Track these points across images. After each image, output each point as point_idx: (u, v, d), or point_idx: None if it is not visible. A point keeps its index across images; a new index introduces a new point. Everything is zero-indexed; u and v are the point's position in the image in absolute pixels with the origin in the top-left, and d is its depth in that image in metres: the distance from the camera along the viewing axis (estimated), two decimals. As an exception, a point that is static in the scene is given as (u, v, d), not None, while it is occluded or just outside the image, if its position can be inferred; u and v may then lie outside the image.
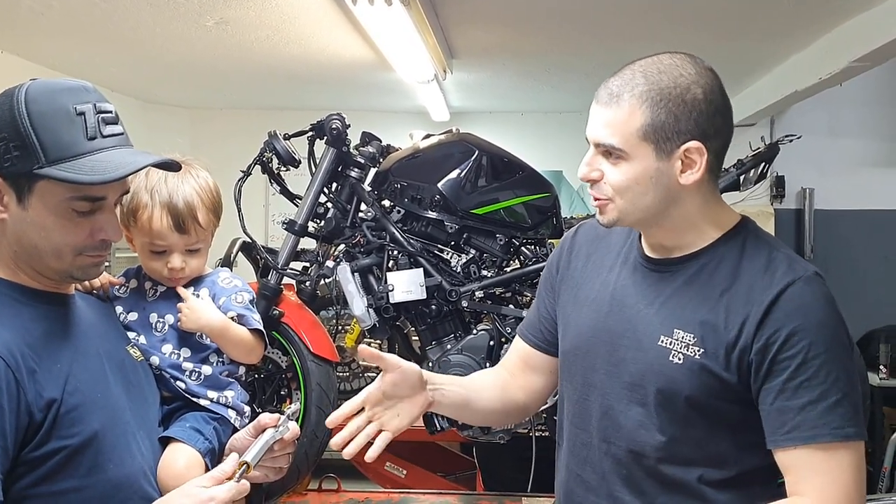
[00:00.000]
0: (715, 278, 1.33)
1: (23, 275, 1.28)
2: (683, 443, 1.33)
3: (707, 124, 1.29)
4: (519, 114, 6.03)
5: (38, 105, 1.20)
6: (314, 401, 2.50)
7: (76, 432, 1.23)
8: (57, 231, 1.24)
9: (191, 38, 3.99)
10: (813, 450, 1.23)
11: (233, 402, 1.60)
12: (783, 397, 1.25)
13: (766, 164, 2.82)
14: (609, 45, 3.91)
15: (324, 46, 4.11)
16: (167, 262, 1.56)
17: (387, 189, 2.74)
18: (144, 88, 5.49)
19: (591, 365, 1.44)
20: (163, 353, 1.55)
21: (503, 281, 2.71)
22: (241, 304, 1.65)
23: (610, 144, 1.30)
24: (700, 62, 1.33)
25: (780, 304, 1.26)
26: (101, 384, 1.32)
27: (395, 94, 5.26)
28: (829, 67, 3.77)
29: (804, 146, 3.94)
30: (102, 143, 1.23)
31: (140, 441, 1.37)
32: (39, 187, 1.21)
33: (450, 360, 2.62)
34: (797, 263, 1.32)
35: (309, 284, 2.73)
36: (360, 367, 3.87)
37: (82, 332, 1.35)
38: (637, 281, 1.42)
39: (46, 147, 1.19)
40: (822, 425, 1.23)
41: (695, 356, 1.30)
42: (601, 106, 1.32)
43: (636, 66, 1.32)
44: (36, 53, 4.34)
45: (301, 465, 2.51)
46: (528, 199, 2.72)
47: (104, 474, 1.26)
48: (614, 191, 1.32)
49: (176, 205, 1.53)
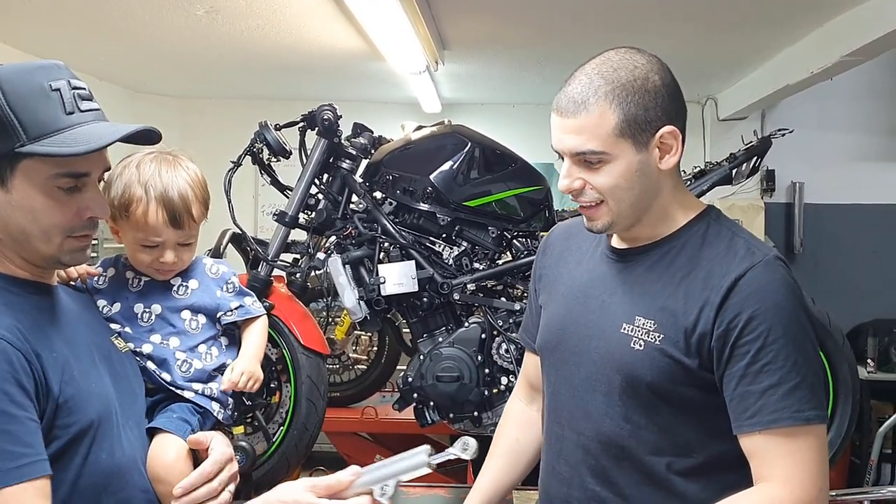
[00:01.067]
0: (675, 265, 1.36)
1: (9, 264, 1.26)
2: (649, 430, 1.35)
3: (671, 107, 1.32)
4: (511, 105, 6.02)
5: (11, 85, 1.18)
6: (304, 393, 2.50)
7: (73, 422, 1.21)
8: (44, 212, 1.22)
9: (181, 27, 3.96)
10: (775, 434, 1.25)
11: (217, 394, 1.59)
12: (745, 382, 1.27)
13: (759, 157, 2.82)
14: (601, 37, 3.89)
15: (315, 36, 4.08)
16: (159, 256, 1.54)
17: (378, 181, 2.73)
18: (134, 78, 5.43)
19: (562, 358, 1.46)
20: (152, 342, 1.54)
21: (495, 274, 2.71)
22: (234, 293, 1.65)
23: (589, 150, 1.30)
24: (645, 51, 1.36)
25: (739, 289, 1.28)
26: (93, 374, 1.31)
27: (386, 84, 5.24)
28: (821, 61, 3.77)
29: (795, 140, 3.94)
30: (81, 117, 1.22)
31: (129, 431, 1.36)
32: (22, 167, 1.19)
33: (441, 352, 2.62)
34: (757, 248, 1.33)
35: (299, 276, 2.71)
36: (349, 359, 3.87)
37: (70, 322, 1.34)
38: (603, 272, 1.45)
39: (26, 125, 1.17)
40: (783, 409, 1.24)
41: (655, 342, 1.32)
42: (567, 117, 1.31)
43: (589, 70, 1.33)
44: (24, 41, 4.29)
45: (291, 457, 2.51)
46: (520, 191, 2.72)
47: (98, 465, 1.25)
48: (603, 194, 1.33)
49: (172, 199, 1.52)
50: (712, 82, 5.26)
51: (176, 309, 1.58)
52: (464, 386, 2.59)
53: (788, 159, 5.45)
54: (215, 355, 1.62)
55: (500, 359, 2.63)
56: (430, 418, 2.69)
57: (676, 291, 1.33)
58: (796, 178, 5.64)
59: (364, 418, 3.75)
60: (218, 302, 1.62)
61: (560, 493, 1.47)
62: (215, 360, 1.62)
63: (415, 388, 2.65)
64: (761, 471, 1.27)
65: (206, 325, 1.60)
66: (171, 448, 1.42)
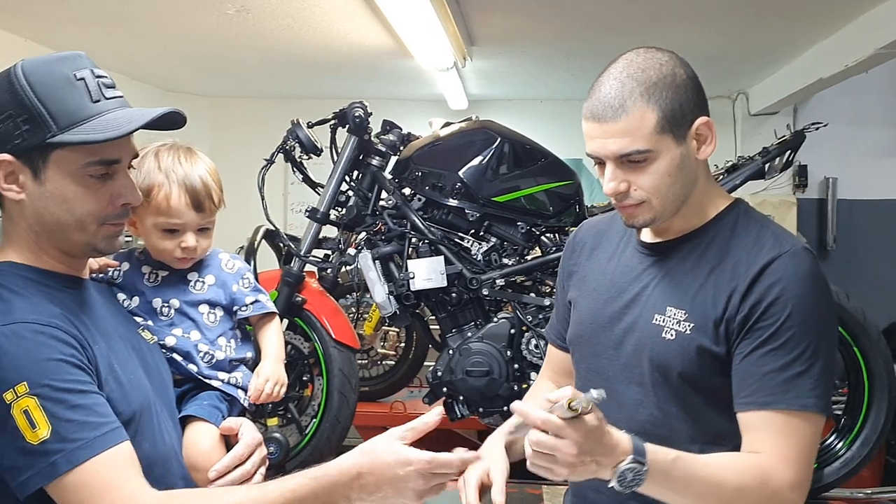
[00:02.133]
0: (706, 257, 1.38)
1: (45, 257, 1.29)
2: (681, 419, 1.37)
3: (699, 98, 1.36)
4: (538, 101, 6.01)
5: (37, 76, 1.20)
6: (336, 386, 2.52)
7: (119, 412, 1.23)
8: (78, 201, 1.23)
9: (211, 25, 4.00)
10: (769, 413, 1.28)
11: (242, 382, 1.61)
12: (748, 362, 1.30)
13: (792, 152, 2.78)
14: (630, 31, 3.88)
15: (344, 34, 4.11)
16: (180, 241, 1.55)
17: (408, 177, 2.74)
18: (165, 77, 5.50)
19: (594, 351, 1.48)
20: (174, 335, 1.55)
21: (524, 269, 2.71)
22: (249, 288, 1.66)
23: (635, 150, 1.32)
24: (661, 49, 1.38)
25: (764, 277, 1.30)
26: (130, 365, 1.33)
27: (413, 82, 5.25)
28: (856, 55, 3.72)
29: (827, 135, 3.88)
30: (107, 104, 1.23)
31: (166, 421, 1.39)
32: (55, 157, 1.20)
33: (470, 347, 2.63)
34: (785, 239, 1.35)
35: (330, 272, 2.74)
36: (377, 354, 3.90)
37: (103, 315, 1.36)
38: (634, 266, 1.47)
39: (55, 115, 1.18)
40: (780, 393, 1.27)
41: (686, 332, 1.34)
42: (607, 122, 1.33)
43: (616, 74, 1.34)
44: (57, 41, 4.36)
45: (324, 449, 2.54)
46: (550, 186, 2.72)
47: (141, 454, 1.26)
48: (648, 192, 1.35)
49: (193, 184, 1.55)
50: (743, 77, 5.21)
51: (194, 303, 1.59)
52: (493, 381, 2.60)
53: (821, 154, 5.38)
54: (234, 347, 1.64)
55: (529, 354, 2.63)
56: (460, 412, 2.70)
57: (706, 282, 1.36)
58: (829, 174, 5.57)
59: (393, 413, 3.77)
60: (234, 296, 1.63)
61: (591, 482, 1.47)
62: (235, 351, 1.63)
63: (444, 383, 2.66)
64: (752, 445, 1.29)
65: (223, 319, 1.62)
66: (206, 436, 1.45)
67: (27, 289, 1.23)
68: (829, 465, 2.60)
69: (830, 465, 2.60)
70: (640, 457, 1.20)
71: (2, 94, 1.20)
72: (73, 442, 1.12)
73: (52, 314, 1.19)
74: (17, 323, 1.16)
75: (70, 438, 1.12)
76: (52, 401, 1.12)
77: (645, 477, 1.20)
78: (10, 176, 1.22)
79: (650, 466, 1.21)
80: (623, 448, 1.20)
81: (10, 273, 1.25)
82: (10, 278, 1.24)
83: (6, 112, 1.19)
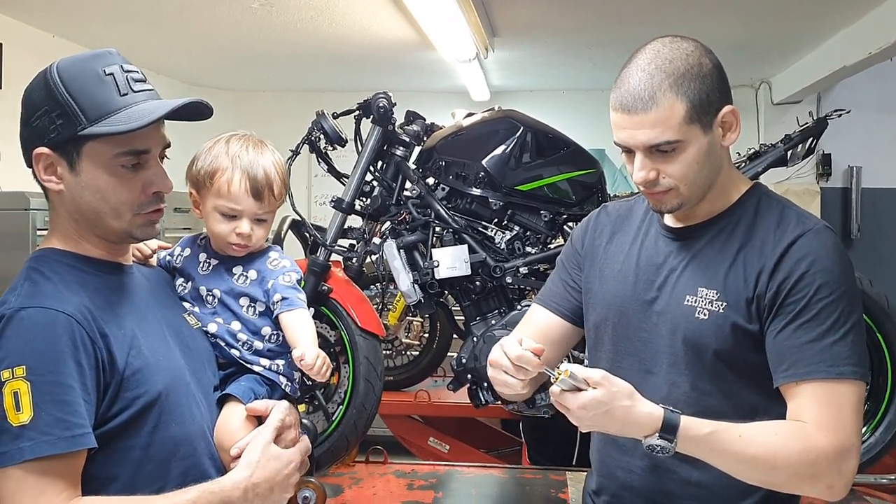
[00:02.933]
0: (732, 238, 1.42)
1: (85, 244, 1.35)
2: (714, 397, 1.40)
3: (724, 86, 1.40)
4: (560, 92, 6.01)
5: (69, 73, 1.27)
6: (362, 374, 2.56)
7: (142, 393, 1.29)
8: (111, 190, 1.30)
9: (236, 19, 4.05)
10: (810, 384, 1.31)
11: (283, 370, 1.65)
12: (783, 336, 1.34)
13: (815, 139, 2.78)
14: (652, 21, 3.88)
15: (366, 26, 4.14)
16: (236, 227, 1.60)
17: (431, 166, 2.77)
18: (190, 71, 5.57)
19: (623, 333, 1.51)
20: (217, 322, 1.60)
21: (547, 257, 2.73)
22: (289, 284, 1.68)
23: (664, 141, 1.36)
24: (686, 38, 1.41)
25: (790, 254, 1.36)
26: (162, 348, 1.38)
27: (435, 74, 5.28)
28: (880, 41, 3.70)
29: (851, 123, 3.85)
30: (135, 97, 1.29)
31: (199, 402, 1.43)
32: (87, 149, 1.27)
33: (494, 335, 2.65)
34: (807, 218, 1.41)
35: (356, 261, 2.78)
36: (402, 344, 3.94)
37: (142, 299, 1.42)
38: (660, 249, 1.50)
39: (85, 108, 1.25)
40: (818, 363, 1.31)
41: (719, 311, 1.38)
42: (636, 113, 1.36)
43: (644, 65, 1.37)
44: (84, 37, 4.44)
45: (350, 436, 2.58)
46: (572, 175, 2.73)
47: (167, 432, 1.32)
48: (676, 180, 1.39)
49: (256, 173, 1.59)
50: (766, 65, 5.18)
51: (235, 295, 1.63)
52: (517, 368, 2.62)
53: (845, 143, 5.35)
54: (276, 339, 1.68)
55: (553, 341, 2.65)
56: (484, 399, 2.73)
57: (735, 262, 1.40)
58: (853, 162, 5.53)
59: (417, 401, 3.81)
60: (268, 292, 1.65)
61: (621, 462, 1.51)
62: (277, 342, 1.67)
63: (469, 370, 2.69)
64: (796, 416, 1.32)
65: (264, 312, 1.66)
66: (235, 417, 1.48)
67: (62, 274, 1.29)
68: (852, 450, 2.61)
69: (854, 451, 2.61)
70: (669, 434, 1.27)
71: (39, 92, 1.28)
72: (45, 435, 1.16)
73: (73, 304, 1.24)
74: (35, 308, 1.21)
75: (44, 431, 1.16)
76: (43, 391, 1.17)
77: (672, 452, 1.28)
78: (49, 168, 1.29)
79: (679, 442, 1.27)
80: (653, 423, 1.27)
81: (49, 258, 1.32)
82: (48, 263, 1.30)
83: (42, 108, 1.27)
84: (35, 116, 1.27)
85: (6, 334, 1.19)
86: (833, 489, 1.30)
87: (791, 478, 1.30)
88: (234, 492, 1.32)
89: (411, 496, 2.60)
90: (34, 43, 4.24)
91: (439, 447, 3.88)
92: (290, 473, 1.41)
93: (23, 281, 1.27)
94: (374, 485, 2.71)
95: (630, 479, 1.50)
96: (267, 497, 1.36)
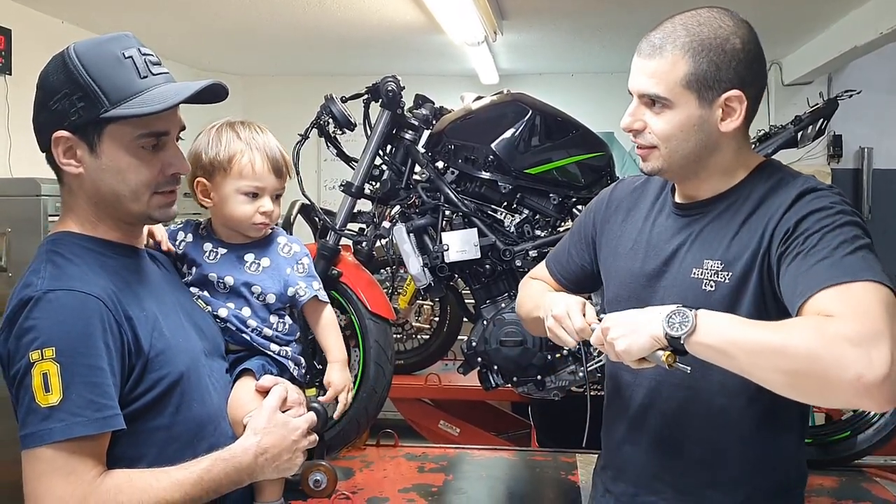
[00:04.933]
0: (740, 212, 1.40)
1: (103, 227, 1.37)
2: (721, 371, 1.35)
3: (746, 72, 1.36)
4: (569, 75, 5.99)
5: (89, 56, 1.28)
6: (373, 357, 2.57)
7: (165, 374, 1.32)
8: (132, 171, 1.31)
9: (244, 4, 4.05)
10: (828, 291, 1.18)
11: (292, 355, 1.68)
12: (794, 265, 1.26)
13: (825, 120, 2.76)
14: (661, 2, 3.84)
15: (375, 10, 4.13)
16: (259, 206, 1.65)
17: (440, 150, 2.77)
18: (198, 56, 5.58)
19: (635, 308, 1.49)
20: (227, 307, 1.62)
21: (557, 240, 2.71)
22: (304, 273, 1.72)
23: (654, 94, 1.36)
24: (736, 15, 1.39)
25: (796, 207, 1.32)
26: (180, 330, 1.41)
27: (444, 57, 5.27)
28: (891, 21, 3.67)
29: (863, 104, 3.82)
30: (154, 80, 1.31)
31: (215, 382, 1.46)
32: (109, 131, 1.29)
33: (504, 318, 2.66)
34: (815, 182, 1.37)
35: (365, 245, 2.78)
36: (412, 328, 3.95)
37: (157, 282, 1.45)
38: (669, 226, 1.51)
39: (107, 91, 1.26)
40: (833, 272, 1.19)
41: (724, 281, 1.37)
42: (644, 58, 1.38)
43: (676, 20, 1.38)
44: (92, 23, 4.44)
45: (361, 419, 2.59)
46: (581, 158, 2.73)
47: (190, 412, 1.36)
48: (658, 139, 1.39)
49: (273, 152, 1.67)
50: (776, 46, 5.15)
51: (247, 283, 1.66)
52: (527, 350, 2.63)
53: (856, 124, 5.32)
54: (286, 325, 1.70)
55: (562, 324, 2.66)
56: (494, 382, 2.74)
57: (740, 231, 1.39)
58: (864, 144, 5.50)
59: (428, 385, 3.83)
60: (286, 279, 1.70)
61: (627, 436, 1.53)
62: (287, 328, 1.69)
63: (479, 353, 2.71)
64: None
65: (276, 300, 1.68)
66: (247, 391, 1.53)
67: (83, 256, 1.31)
68: (862, 432, 2.61)
69: (864, 433, 2.61)
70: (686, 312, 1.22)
71: (57, 75, 1.28)
72: (76, 416, 1.18)
73: (99, 287, 1.26)
74: (64, 290, 1.23)
75: (75, 412, 1.19)
76: (72, 373, 1.19)
77: (693, 321, 1.20)
78: (69, 151, 1.30)
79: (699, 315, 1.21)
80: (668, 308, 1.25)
81: (67, 242, 1.33)
82: (68, 246, 1.32)
83: (62, 91, 1.27)
84: (54, 100, 1.27)
85: (34, 315, 1.21)
86: (864, 380, 1.08)
87: (812, 364, 1.11)
88: (244, 456, 1.36)
89: (422, 479, 2.61)
90: (43, 29, 4.25)
91: (450, 430, 3.90)
92: (297, 440, 1.46)
93: (44, 263, 1.28)
94: (385, 467, 2.73)
95: (635, 454, 1.53)
96: (276, 460, 1.41)
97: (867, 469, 2.71)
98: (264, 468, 1.39)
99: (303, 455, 1.48)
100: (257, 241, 1.71)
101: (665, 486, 1.49)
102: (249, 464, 1.36)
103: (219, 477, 1.32)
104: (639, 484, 1.52)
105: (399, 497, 2.45)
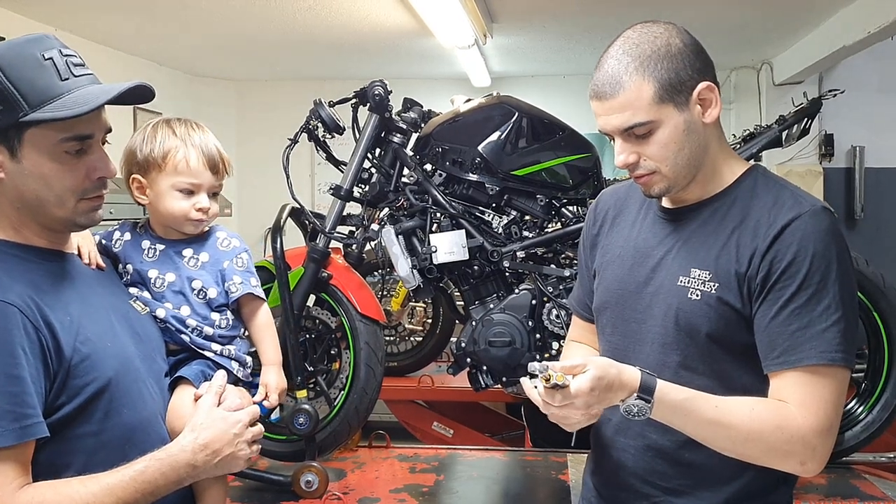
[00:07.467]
0: (727, 219, 1.42)
1: (27, 232, 1.33)
2: (706, 377, 1.41)
3: (699, 63, 1.39)
4: (561, 77, 6.01)
5: (6, 59, 1.24)
6: (363, 359, 2.59)
7: (90, 380, 1.28)
8: (55, 177, 1.28)
9: (236, 10, 4.07)
10: (800, 371, 1.32)
11: (236, 354, 1.65)
12: (775, 323, 1.34)
13: (809, 119, 2.78)
14: (651, 4, 3.87)
15: (365, 14, 4.15)
16: (195, 202, 1.63)
17: (428, 153, 2.79)
18: (191, 62, 5.59)
19: (622, 316, 1.52)
20: (166, 308, 1.60)
21: (544, 241, 2.75)
22: (242, 268, 1.69)
23: (637, 123, 1.37)
24: (658, 21, 1.41)
25: (784, 236, 1.34)
26: (109, 334, 1.37)
27: (435, 60, 5.29)
28: (879, 20, 3.69)
29: (854, 103, 3.84)
30: (76, 82, 1.27)
31: (150, 387, 1.43)
32: (29, 136, 1.25)
33: (493, 318, 2.68)
34: (803, 199, 1.39)
35: (355, 247, 2.80)
36: (405, 330, 3.97)
37: (86, 286, 1.41)
38: (656, 231, 1.51)
39: (26, 94, 1.22)
40: (810, 349, 1.31)
41: (710, 291, 1.39)
42: (606, 99, 1.38)
43: (613, 53, 1.39)
44: (87, 29, 4.46)
45: (352, 420, 2.61)
46: (568, 159, 2.75)
47: (119, 418, 1.32)
48: (656, 161, 1.40)
49: (209, 148, 1.64)
50: (767, 46, 5.17)
51: (187, 279, 1.63)
52: (515, 350, 2.65)
53: (848, 123, 5.34)
54: (227, 324, 1.67)
55: (550, 324, 2.68)
56: (484, 382, 2.76)
57: (728, 242, 1.39)
58: (856, 143, 5.51)
59: (421, 387, 3.85)
60: (223, 272, 1.66)
61: (616, 442, 1.53)
62: (227, 329, 1.66)
63: (468, 353, 2.72)
64: (778, 395, 1.34)
65: (215, 296, 1.65)
66: (187, 400, 1.49)
67: (4, 262, 1.28)
68: (850, 429, 2.63)
69: (851, 430, 2.63)
70: (647, 394, 1.29)
71: None
72: None
73: (15, 293, 1.23)
74: None
75: None
76: None
77: (649, 412, 1.29)
78: None
79: (656, 403, 1.29)
80: (631, 386, 1.29)
81: None
82: None
83: None
84: None
85: None
86: (806, 466, 1.32)
87: (764, 452, 1.32)
88: (181, 454, 1.33)
89: (413, 479, 2.63)
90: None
91: (443, 431, 3.92)
92: (240, 432, 1.41)
93: None
94: (377, 468, 2.75)
95: (624, 458, 1.53)
96: (218, 456, 1.37)
97: (856, 466, 2.73)
98: (206, 465, 1.35)
99: (248, 447, 1.43)
100: (196, 236, 1.68)
101: (653, 488, 1.49)
102: (188, 461, 1.32)
103: (154, 477, 1.28)
104: (628, 485, 1.53)
105: (390, 497, 2.47)
